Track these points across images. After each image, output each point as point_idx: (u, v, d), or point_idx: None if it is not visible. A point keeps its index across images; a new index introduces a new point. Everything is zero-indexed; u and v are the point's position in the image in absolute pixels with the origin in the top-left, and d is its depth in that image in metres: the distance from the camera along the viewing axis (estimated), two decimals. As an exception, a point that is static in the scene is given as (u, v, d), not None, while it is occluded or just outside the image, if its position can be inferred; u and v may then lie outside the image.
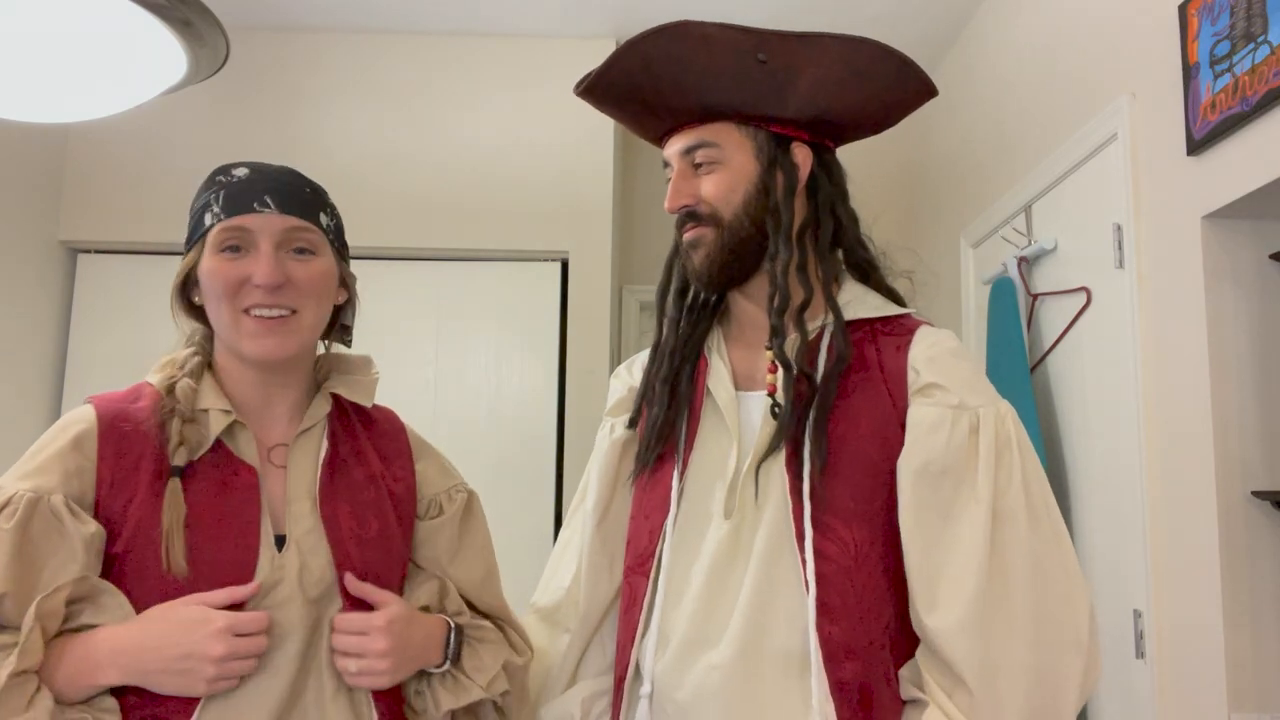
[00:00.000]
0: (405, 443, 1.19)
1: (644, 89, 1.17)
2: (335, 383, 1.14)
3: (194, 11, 1.08)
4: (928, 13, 2.89)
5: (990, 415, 1.08)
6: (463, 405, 2.91)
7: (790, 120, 1.18)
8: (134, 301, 2.93)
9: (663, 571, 1.15)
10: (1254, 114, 1.50)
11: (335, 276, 1.11)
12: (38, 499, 0.94)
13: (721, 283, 1.19)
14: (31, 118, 1.24)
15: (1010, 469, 1.05)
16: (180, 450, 1.00)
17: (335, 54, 3.05)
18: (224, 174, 1.06)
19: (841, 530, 1.07)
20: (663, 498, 1.18)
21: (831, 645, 1.05)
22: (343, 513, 1.07)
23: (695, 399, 1.20)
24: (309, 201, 1.07)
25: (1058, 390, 2.24)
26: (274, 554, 1.01)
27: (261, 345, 1.03)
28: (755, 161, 1.17)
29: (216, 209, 1.04)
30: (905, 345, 1.14)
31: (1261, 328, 1.65)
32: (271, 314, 1.03)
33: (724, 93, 1.16)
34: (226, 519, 1.00)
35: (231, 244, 1.03)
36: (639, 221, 3.52)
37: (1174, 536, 1.74)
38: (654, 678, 1.12)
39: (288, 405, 1.10)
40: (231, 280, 1.02)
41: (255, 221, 1.03)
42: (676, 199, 1.18)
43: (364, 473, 1.11)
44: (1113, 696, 1.96)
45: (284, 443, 1.09)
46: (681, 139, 1.20)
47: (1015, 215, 2.48)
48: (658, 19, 1.19)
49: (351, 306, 1.17)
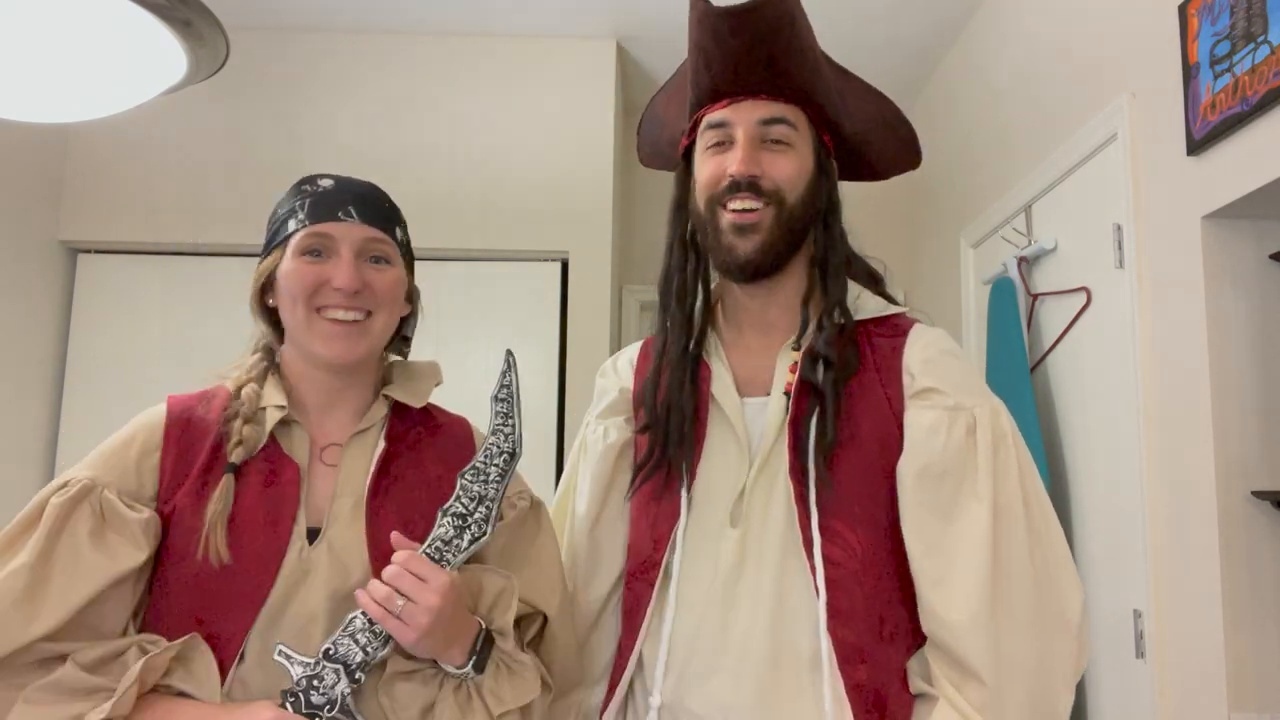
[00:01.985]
0: (470, 448, 1.18)
1: (766, 41, 1.11)
2: (393, 387, 1.16)
3: (194, 11, 1.08)
4: (928, 13, 2.89)
5: (985, 414, 1.09)
6: (462, 405, 2.89)
7: (845, 137, 1.22)
8: (134, 301, 2.92)
9: (673, 581, 1.14)
10: (1254, 114, 1.50)
11: (405, 287, 1.16)
12: (92, 487, 1.00)
13: (766, 269, 1.15)
14: (31, 118, 1.24)
15: (1006, 465, 1.08)
16: (238, 449, 1.05)
17: (335, 54, 3.05)
18: (310, 184, 1.12)
19: (847, 534, 1.08)
20: (672, 506, 1.17)
21: (845, 648, 1.05)
22: (388, 512, 1.07)
23: (700, 407, 1.19)
24: (388, 215, 1.14)
25: (1058, 390, 2.24)
26: (304, 547, 1.03)
27: (333, 348, 1.08)
28: (813, 158, 1.18)
29: (301, 215, 1.09)
30: (900, 345, 1.15)
31: (1261, 328, 1.65)
32: (347, 317, 1.08)
33: (823, 82, 1.17)
34: (264, 513, 1.04)
35: (314, 249, 1.08)
36: (639, 221, 3.52)
37: (1174, 537, 1.74)
38: (664, 689, 1.11)
39: (349, 407, 1.13)
40: (310, 282, 1.07)
41: (339, 229, 1.08)
42: (751, 165, 1.12)
43: (418, 476, 1.12)
44: (1113, 696, 1.96)
45: (338, 442, 1.11)
46: (763, 107, 1.15)
47: (1015, 215, 2.48)
48: (658, 19, 1.20)
49: (414, 318, 1.22)
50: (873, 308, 1.20)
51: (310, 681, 0.98)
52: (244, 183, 2.96)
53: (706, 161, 1.18)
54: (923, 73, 3.24)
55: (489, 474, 1.09)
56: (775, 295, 1.19)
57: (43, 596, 0.94)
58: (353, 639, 1.00)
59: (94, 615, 0.97)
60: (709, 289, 1.25)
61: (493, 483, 1.09)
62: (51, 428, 2.89)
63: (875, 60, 3.09)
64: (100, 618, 0.97)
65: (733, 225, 1.13)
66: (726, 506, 1.14)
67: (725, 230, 1.14)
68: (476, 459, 1.10)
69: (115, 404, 2.86)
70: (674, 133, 1.29)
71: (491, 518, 1.08)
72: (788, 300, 1.19)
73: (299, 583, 1.02)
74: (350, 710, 0.98)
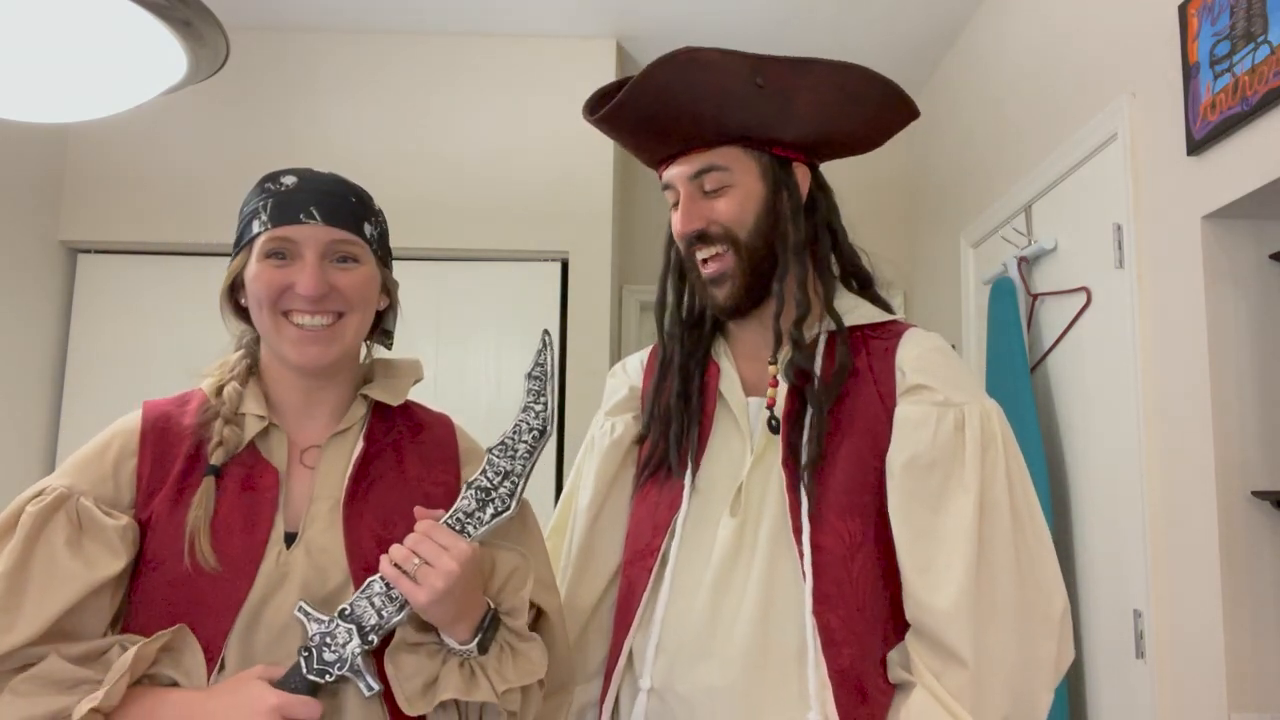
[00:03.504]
0: (453, 447, 1.17)
1: (658, 116, 1.18)
2: (371, 386, 1.15)
3: (194, 11, 1.08)
4: (927, 13, 2.89)
5: (975, 412, 1.12)
6: (463, 405, 2.87)
7: (791, 143, 1.22)
8: (134, 301, 2.93)
9: (669, 566, 1.17)
10: (1254, 114, 1.50)
11: (378, 283, 1.13)
12: (68, 495, 0.99)
13: (746, 310, 1.21)
14: (31, 118, 1.24)
15: (994, 464, 1.10)
16: (219, 450, 1.04)
17: (335, 54, 3.05)
18: (273, 181, 1.09)
19: (836, 522, 1.11)
20: (674, 495, 1.20)
21: (829, 633, 1.08)
22: (367, 513, 1.06)
23: (707, 403, 1.23)
24: (354, 212, 1.10)
25: (1058, 390, 2.24)
26: (281, 551, 1.02)
27: (304, 353, 1.06)
28: (762, 183, 1.20)
29: (264, 217, 1.07)
30: (893, 348, 1.19)
31: (1261, 328, 1.65)
32: (314, 323, 1.06)
33: (733, 117, 1.18)
34: (242, 517, 1.02)
35: (277, 251, 1.06)
36: (639, 221, 3.52)
37: (1174, 536, 1.74)
38: (654, 672, 1.14)
39: (327, 408, 1.12)
40: (275, 287, 1.05)
41: (300, 232, 1.06)
42: (690, 222, 1.20)
43: (398, 476, 1.11)
44: (1113, 696, 1.96)
45: (318, 444, 1.10)
46: (688, 163, 1.21)
47: (1015, 215, 2.48)
48: (658, 19, 1.20)
49: (393, 311, 1.19)
50: (869, 314, 1.23)
51: (324, 638, 0.98)
52: (244, 183, 2.91)
53: (672, 215, 1.25)
54: (923, 73, 3.24)
55: (517, 450, 1.09)
56: (764, 319, 1.22)
57: (18, 606, 0.93)
58: (369, 601, 1.00)
59: (72, 623, 0.96)
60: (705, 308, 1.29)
61: (520, 459, 1.09)
62: (51, 428, 2.89)
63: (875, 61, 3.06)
64: (79, 626, 0.96)
65: (706, 278, 1.21)
66: (727, 497, 1.17)
67: (702, 282, 1.22)
68: (506, 434, 1.09)
69: (115, 404, 2.85)
70: None
71: (517, 493, 1.07)
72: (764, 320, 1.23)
73: (276, 587, 1.01)
74: (360, 669, 0.98)
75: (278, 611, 1.00)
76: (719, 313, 1.23)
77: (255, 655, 0.99)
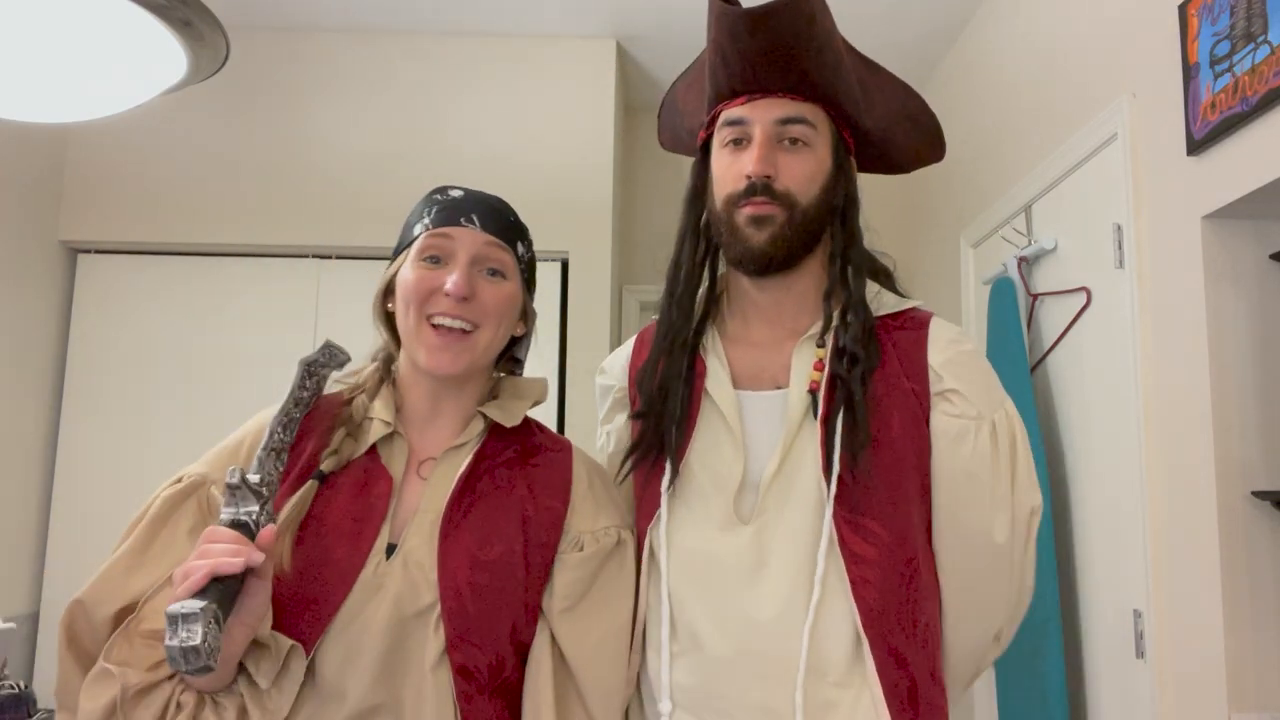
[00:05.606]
0: (567, 472, 1.15)
1: (793, 42, 1.10)
2: (490, 404, 1.14)
3: (194, 11, 1.08)
4: (927, 13, 2.89)
5: (1003, 420, 1.12)
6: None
7: (864, 131, 1.20)
8: (134, 301, 2.92)
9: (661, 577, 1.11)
10: (1254, 114, 1.50)
11: (519, 305, 1.15)
12: (202, 483, 1.04)
13: (781, 263, 1.14)
14: (31, 118, 1.23)
15: (1017, 471, 1.12)
16: (331, 458, 1.05)
17: (335, 54, 3.05)
18: (440, 193, 1.14)
19: (879, 531, 1.07)
20: (652, 502, 1.15)
21: (880, 646, 1.05)
22: (464, 531, 1.05)
23: (692, 403, 1.16)
24: (510, 227, 1.14)
25: (1058, 390, 2.24)
26: (380, 561, 1.02)
27: (436, 359, 1.07)
28: (831, 158, 1.17)
29: (427, 220, 1.11)
30: (922, 339, 1.15)
31: (1261, 328, 1.65)
32: (453, 324, 1.07)
33: (843, 79, 1.15)
34: (350, 522, 1.03)
35: (432, 254, 1.09)
36: (639, 221, 3.52)
37: (1174, 536, 1.74)
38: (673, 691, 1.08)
39: (451, 420, 1.13)
40: (424, 287, 1.08)
41: (458, 233, 1.10)
42: (766, 165, 1.11)
43: (502, 496, 1.09)
44: (1113, 696, 1.96)
45: (435, 456, 1.10)
46: (780, 106, 1.14)
47: (1015, 215, 2.48)
48: (658, 19, 1.19)
49: (526, 341, 1.21)
50: (890, 303, 1.19)
51: None
52: (244, 183, 2.96)
53: (723, 158, 1.17)
54: (923, 73, 3.24)
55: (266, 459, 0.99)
56: (788, 291, 1.18)
57: (125, 585, 0.97)
58: None
59: None
60: (715, 278, 1.24)
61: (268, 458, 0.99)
62: (51, 428, 2.89)
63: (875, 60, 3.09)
64: None
65: (749, 218, 1.12)
66: (725, 502, 1.11)
67: (741, 225, 1.13)
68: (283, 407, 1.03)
69: (115, 404, 2.87)
70: (693, 123, 1.27)
71: None
72: (801, 296, 1.18)
73: (370, 597, 1.00)
74: None
75: (366, 622, 0.99)
76: (750, 259, 1.13)
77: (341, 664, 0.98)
